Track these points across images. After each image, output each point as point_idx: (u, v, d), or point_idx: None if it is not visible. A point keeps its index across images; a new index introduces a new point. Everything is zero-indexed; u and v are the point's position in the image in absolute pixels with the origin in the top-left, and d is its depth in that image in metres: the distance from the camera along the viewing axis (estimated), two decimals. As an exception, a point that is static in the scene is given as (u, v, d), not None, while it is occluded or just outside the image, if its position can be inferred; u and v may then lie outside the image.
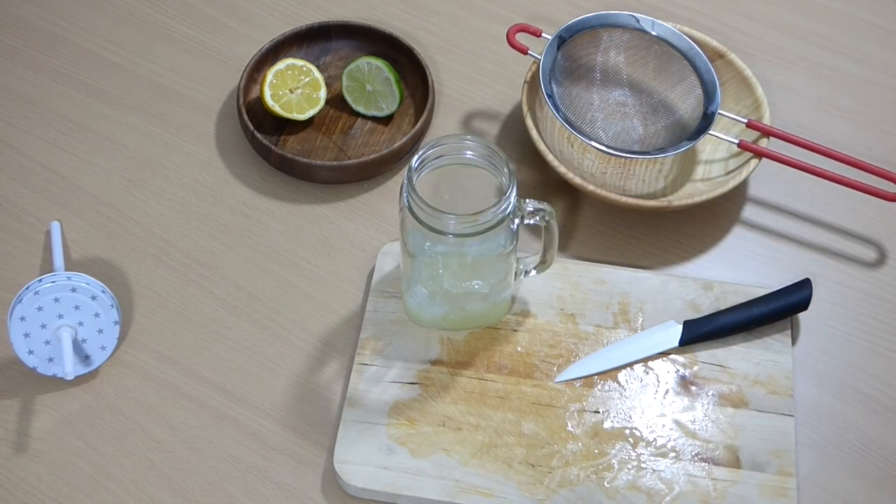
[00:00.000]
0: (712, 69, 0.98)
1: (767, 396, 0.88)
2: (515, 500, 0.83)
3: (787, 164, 0.98)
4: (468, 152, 0.83)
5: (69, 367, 0.85)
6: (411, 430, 0.86)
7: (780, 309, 0.91)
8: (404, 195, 0.81)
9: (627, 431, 0.86)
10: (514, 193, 0.81)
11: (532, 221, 0.84)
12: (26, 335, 0.86)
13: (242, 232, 0.99)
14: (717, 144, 1.02)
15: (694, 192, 1.00)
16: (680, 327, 0.90)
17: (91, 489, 0.85)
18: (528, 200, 0.84)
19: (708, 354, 0.90)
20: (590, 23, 0.99)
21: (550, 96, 0.97)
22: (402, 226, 0.85)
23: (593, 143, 0.95)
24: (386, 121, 1.06)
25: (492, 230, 0.81)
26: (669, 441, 0.86)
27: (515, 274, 0.90)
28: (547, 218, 0.84)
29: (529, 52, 1.01)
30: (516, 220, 0.83)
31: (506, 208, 0.80)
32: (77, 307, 0.86)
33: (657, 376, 0.89)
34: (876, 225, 1.00)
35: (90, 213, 1.00)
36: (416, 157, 0.82)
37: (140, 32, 1.14)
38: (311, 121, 1.05)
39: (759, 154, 0.98)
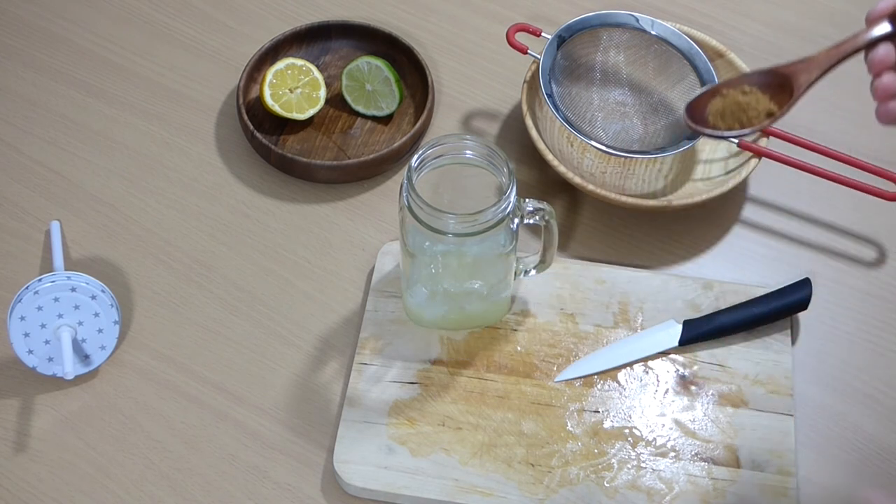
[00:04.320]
0: (712, 69, 0.98)
1: (767, 396, 0.88)
2: (515, 500, 0.83)
3: (787, 163, 0.98)
4: (468, 152, 0.83)
5: (69, 367, 0.85)
6: (411, 430, 0.86)
7: (780, 308, 0.91)
8: (404, 195, 0.81)
9: (627, 431, 0.86)
10: (513, 193, 0.81)
11: (532, 221, 0.84)
12: (26, 335, 0.86)
13: (242, 232, 1.00)
14: (716, 144, 1.02)
15: (694, 191, 1.00)
16: (679, 327, 0.90)
17: (91, 489, 0.85)
18: (527, 200, 0.84)
19: (708, 354, 0.90)
20: (589, 22, 0.99)
21: (550, 96, 0.97)
22: (401, 225, 0.85)
23: (593, 143, 0.95)
24: (386, 120, 1.06)
25: (491, 230, 0.81)
26: (669, 441, 0.86)
27: (515, 274, 0.90)
28: (546, 217, 0.84)
29: (529, 51, 1.01)
30: (516, 220, 0.83)
31: (505, 208, 0.80)
32: (77, 307, 0.86)
33: (657, 376, 0.89)
34: (876, 225, 1.00)
35: (90, 213, 1.00)
36: (415, 157, 0.82)
37: (140, 32, 1.14)
38: (310, 120, 1.05)
39: (759, 154, 0.98)
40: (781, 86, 0.74)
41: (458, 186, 0.86)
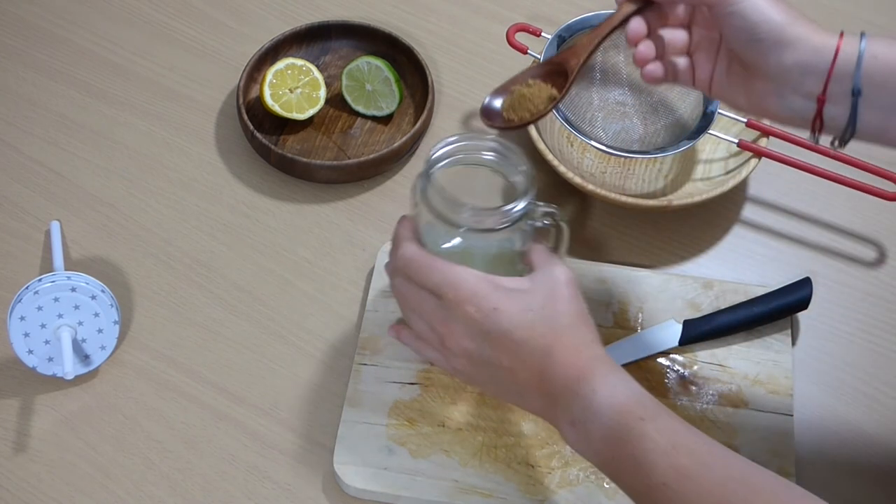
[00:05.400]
0: (712, 69, 0.98)
1: (767, 396, 0.88)
2: (515, 501, 0.83)
3: (787, 163, 0.98)
4: (488, 153, 0.82)
5: (69, 367, 0.85)
6: (411, 431, 0.86)
7: (780, 308, 0.91)
8: (419, 189, 0.79)
9: (627, 431, 0.86)
10: (532, 193, 0.79)
11: (543, 223, 0.83)
12: (26, 335, 0.86)
13: (242, 232, 1.00)
14: (716, 144, 1.02)
15: (694, 191, 1.00)
16: (680, 327, 0.90)
17: (91, 489, 0.85)
18: (539, 203, 0.83)
19: (708, 354, 0.90)
20: (589, 22, 0.99)
21: (550, 96, 0.97)
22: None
23: (593, 143, 0.95)
24: (386, 120, 1.06)
25: (507, 229, 0.80)
26: (669, 441, 0.86)
27: (520, 275, 0.89)
28: (558, 220, 0.83)
29: (529, 51, 1.01)
30: (529, 222, 0.82)
31: (524, 207, 0.79)
32: (77, 307, 0.86)
33: (657, 376, 0.89)
34: (876, 225, 1.00)
35: (90, 213, 1.00)
36: (437, 149, 0.79)
37: (140, 32, 1.14)
38: (310, 120, 1.05)
39: (759, 153, 0.98)
40: (558, 73, 0.81)
41: (462, 187, 0.85)
